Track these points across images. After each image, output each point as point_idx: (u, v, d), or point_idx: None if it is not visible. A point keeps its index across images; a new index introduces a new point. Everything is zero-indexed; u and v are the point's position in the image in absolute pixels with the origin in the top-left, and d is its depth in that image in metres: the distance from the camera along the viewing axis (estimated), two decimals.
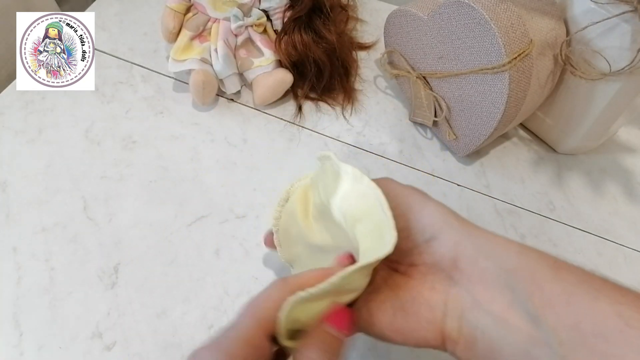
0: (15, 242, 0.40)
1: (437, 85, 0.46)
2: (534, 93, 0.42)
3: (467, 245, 0.21)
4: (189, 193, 0.44)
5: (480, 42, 0.38)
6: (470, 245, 0.21)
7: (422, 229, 0.23)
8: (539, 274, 0.19)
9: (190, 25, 0.49)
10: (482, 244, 0.21)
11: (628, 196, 0.48)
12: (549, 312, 0.18)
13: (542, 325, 0.18)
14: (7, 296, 0.37)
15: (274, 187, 0.45)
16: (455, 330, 0.21)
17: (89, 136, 0.47)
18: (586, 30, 0.39)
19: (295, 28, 0.48)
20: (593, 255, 0.44)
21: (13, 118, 0.47)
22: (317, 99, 0.52)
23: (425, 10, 0.43)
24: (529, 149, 0.51)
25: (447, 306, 0.21)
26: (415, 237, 0.23)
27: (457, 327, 0.21)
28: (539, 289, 0.19)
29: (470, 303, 0.21)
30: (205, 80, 0.46)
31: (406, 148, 0.49)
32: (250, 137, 0.48)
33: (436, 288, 0.22)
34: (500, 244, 0.21)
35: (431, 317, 0.21)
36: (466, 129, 0.45)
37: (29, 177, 0.44)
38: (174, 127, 0.48)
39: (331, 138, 0.49)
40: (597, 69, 0.40)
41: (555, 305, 0.18)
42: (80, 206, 0.42)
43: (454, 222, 0.22)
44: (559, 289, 0.18)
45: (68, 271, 0.38)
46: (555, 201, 0.47)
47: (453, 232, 0.22)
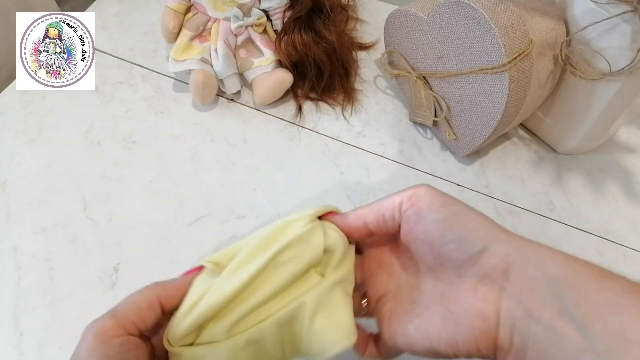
0: (15, 242, 0.40)
1: (437, 85, 0.46)
2: (534, 93, 0.42)
3: (516, 257, 0.22)
4: (189, 193, 0.44)
5: (480, 42, 0.38)
6: (519, 256, 0.22)
7: (473, 241, 0.23)
8: (585, 283, 0.20)
9: (190, 25, 0.49)
10: (530, 254, 0.22)
11: (628, 196, 0.48)
12: (596, 320, 0.19)
13: (589, 333, 0.19)
14: (7, 296, 0.37)
15: (274, 187, 0.45)
16: (507, 339, 0.21)
17: (89, 136, 0.47)
18: (586, 30, 0.39)
19: (295, 28, 0.48)
20: (593, 255, 0.44)
21: (13, 118, 0.47)
22: (317, 99, 0.52)
23: (425, 10, 0.43)
24: (529, 149, 0.51)
25: (499, 316, 0.22)
26: (466, 249, 0.23)
27: (509, 336, 0.21)
28: (585, 298, 0.20)
29: (522, 313, 0.21)
30: (205, 80, 0.46)
31: (406, 148, 0.49)
32: (250, 137, 0.48)
33: (488, 299, 0.22)
34: (547, 254, 0.22)
35: (485, 328, 0.22)
36: (466, 129, 0.45)
37: (29, 177, 0.44)
38: (174, 127, 0.48)
39: (331, 138, 0.49)
40: (597, 69, 0.40)
41: (601, 314, 0.19)
42: (80, 206, 0.42)
43: (502, 233, 0.23)
44: (604, 299, 0.19)
45: (68, 271, 0.38)
46: (555, 201, 0.47)
47: (502, 244, 0.22)
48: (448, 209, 0.24)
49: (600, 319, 0.19)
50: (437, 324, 0.23)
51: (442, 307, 0.23)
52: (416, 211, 0.24)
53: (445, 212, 0.23)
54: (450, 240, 0.23)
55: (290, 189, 0.45)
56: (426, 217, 0.24)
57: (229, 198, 0.44)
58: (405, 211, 0.24)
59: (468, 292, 0.23)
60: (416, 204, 0.24)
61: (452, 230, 0.23)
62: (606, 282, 0.20)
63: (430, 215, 0.23)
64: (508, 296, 0.21)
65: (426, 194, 0.24)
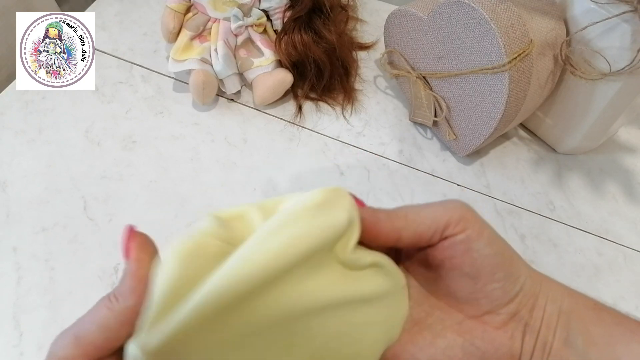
0: (15, 242, 0.40)
1: (437, 85, 0.46)
2: (534, 93, 0.42)
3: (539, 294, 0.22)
4: (189, 193, 0.44)
5: (480, 42, 0.38)
6: (541, 293, 0.23)
7: (515, 281, 0.22)
8: (584, 315, 0.22)
9: (190, 25, 0.49)
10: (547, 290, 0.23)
11: (628, 196, 0.48)
12: (594, 350, 0.21)
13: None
14: (7, 296, 0.37)
15: (274, 187, 0.45)
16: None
17: (89, 136, 0.47)
18: (586, 30, 0.39)
19: (295, 28, 0.48)
20: (593, 255, 0.44)
21: (13, 118, 0.47)
22: (317, 99, 0.52)
23: (425, 10, 0.43)
24: (529, 149, 0.51)
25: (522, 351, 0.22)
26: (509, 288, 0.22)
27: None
28: (585, 329, 0.21)
29: (540, 346, 0.22)
30: (205, 80, 0.46)
31: (406, 148, 0.49)
32: (250, 137, 0.48)
33: (516, 336, 0.22)
34: (557, 288, 0.23)
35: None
36: (466, 129, 0.45)
37: (29, 177, 0.44)
38: (174, 127, 0.48)
39: (331, 138, 0.49)
40: (597, 69, 0.40)
41: (597, 344, 0.21)
42: (80, 206, 0.42)
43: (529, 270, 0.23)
44: (600, 330, 0.21)
45: (68, 271, 0.38)
46: (555, 201, 0.47)
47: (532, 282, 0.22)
48: (497, 244, 0.22)
49: (597, 349, 0.21)
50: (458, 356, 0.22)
51: (463, 339, 0.22)
52: (465, 240, 0.21)
53: (496, 247, 0.21)
54: (497, 279, 0.21)
55: (290, 189, 0.45)
56: (477, 250, 0.21)
57: (229, 198, 0.44)
58: (452, 237, 0.21)
59: (498, 330, 0.22)
60: (465, 231, 0.21)
61: (501, 269, 0.21)
62: (601, 314, 0.22)
63: (483, 249, 0.21)
64: (530, 331, 0.22)
65: (474, 220, 0.22)
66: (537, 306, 0.22)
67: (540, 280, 0.23)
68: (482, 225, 0.22)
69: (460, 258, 0.21)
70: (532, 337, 0.22)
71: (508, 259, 0.22)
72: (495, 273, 0.21)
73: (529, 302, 0.22)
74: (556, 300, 0.22)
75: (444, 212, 0.21)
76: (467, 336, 0.22)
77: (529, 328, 0.22)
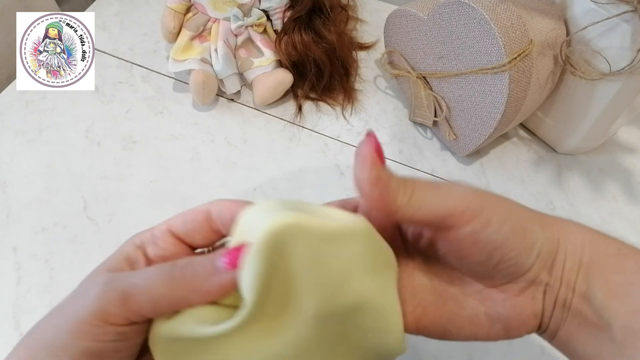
0: (15, 242, 0.40)
1: (437, 85, 0.46)
2: (534, 93, 0.42)
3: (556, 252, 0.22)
4: (189, 193, 0.44)
5: (480, 42, 0.38)
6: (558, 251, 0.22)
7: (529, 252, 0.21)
8: (605, 265, 0.21)
9: (190, 25, 0.49)
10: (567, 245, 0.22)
11: (628, 196, 0.48)
12: (614, 302, 0.20)
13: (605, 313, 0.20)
14: (7, 296, 0.37)
15: (274, 187, 0.45)
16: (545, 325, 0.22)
17: (89, 136, 0.47)
18: (586, 30, 0.39)
19: (295, 28, 0.48)
20: None
21: (13, 118, 0.47)
22: (317, 99, 0.52)
23: (425, 10, 0.43)
24: (529, 149, 0.51)
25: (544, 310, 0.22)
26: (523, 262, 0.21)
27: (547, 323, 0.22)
28: (605, 281, 0.21)
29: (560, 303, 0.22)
30: (205, 80, 0.46)
31: (406, 148, 0.49)
32: (250, 137, 0.48)
33: (536, 297, 0.22)
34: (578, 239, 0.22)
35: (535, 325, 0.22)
36: (466, 129, 0.45)
37: (29, 177, 0.44)
38: (174, 127, 0.48)
39: (331, 138, 0.49)
40: (597, 69, 0.40)
41: (618, 295, 0.20)
42: (80, 206, 0.42)
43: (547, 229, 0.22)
44: (621, 279, 0.20)
45: (68, 271, 0.38)
46: (555, 201, 0.47)
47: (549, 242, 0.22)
48: (507, 224, 0.20)
49: (617, 300, 0.20)
50: (483, 323, 0.22)
51: (485, 306, 0.22)
52: (471, 233, 0.20)
53: (506, 229, 0.20)
54: (510, 258, 0.21)
55: (290, 189, 0.45)
56: (484, 240, 0.20)
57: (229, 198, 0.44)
58: (456, 229, 0.20)
59: (518, 297, 0.22)
60: (470, 223, 0.20)
61: (512, 248, 0.21)
62: (624, 261, 0.21)
63: (491, 237, 0.20)
64: (550, 290, 0.22)
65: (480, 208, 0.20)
66: (557, 264, 0.21)
67: (559, 236, 0.22)
68: (490, 211, 0.20)
69: (467, 250, 0.21)
70: (551, 296, 0.22)
71: (520, 234, 0.21)
72: (507, 254, 0.20)
73: (547, 264, 0.22)
74: (576, 252, 0.21)
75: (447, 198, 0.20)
76: (489, 303, 0.22)
77: (549, 287, 0.22)
